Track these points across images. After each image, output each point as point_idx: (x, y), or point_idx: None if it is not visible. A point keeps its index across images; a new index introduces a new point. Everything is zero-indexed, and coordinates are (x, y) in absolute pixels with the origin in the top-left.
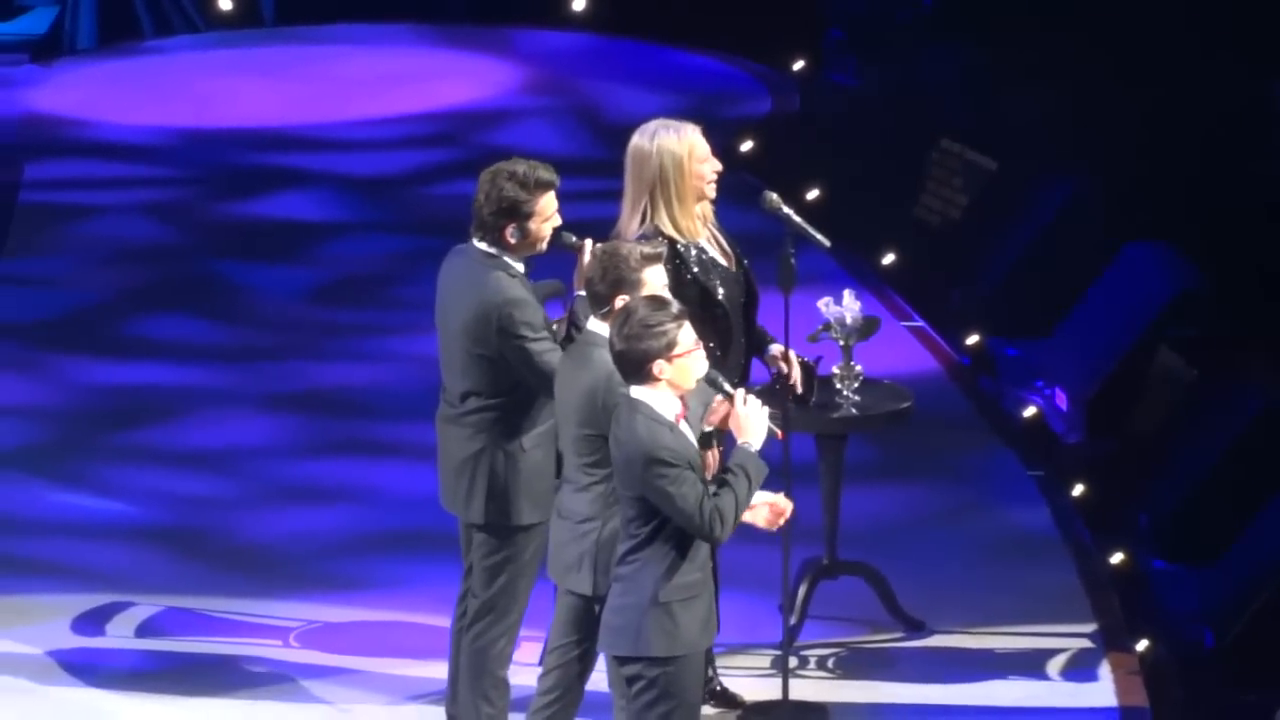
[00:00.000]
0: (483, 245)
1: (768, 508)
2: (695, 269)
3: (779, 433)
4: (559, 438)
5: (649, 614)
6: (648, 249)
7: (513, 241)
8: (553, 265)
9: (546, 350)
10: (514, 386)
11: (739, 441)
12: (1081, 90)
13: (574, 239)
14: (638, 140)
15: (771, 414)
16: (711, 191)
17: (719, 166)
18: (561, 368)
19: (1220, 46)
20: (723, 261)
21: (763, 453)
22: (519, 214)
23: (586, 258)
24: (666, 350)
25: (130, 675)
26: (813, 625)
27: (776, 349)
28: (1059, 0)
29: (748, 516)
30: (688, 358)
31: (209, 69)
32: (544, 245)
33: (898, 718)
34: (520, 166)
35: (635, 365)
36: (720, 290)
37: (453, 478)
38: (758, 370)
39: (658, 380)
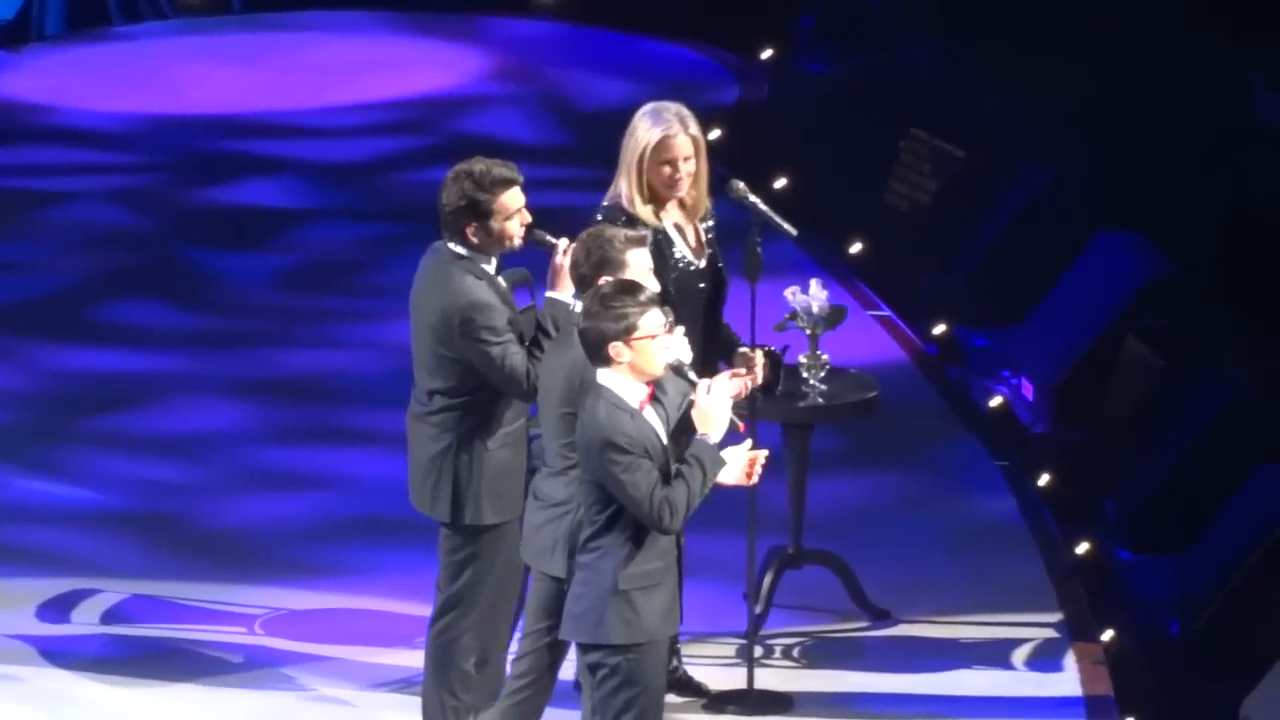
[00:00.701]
0: (452, 245)
1: (739, 467)
2: None
3: (740, 425)
4: (540, 420)
5: (609, 602)
6: (633, 232)
7: (476, 241)
8: (527, 261)
9: (509, 354)
10: (479, 386)
11: (698, 432)
12: (1053, 79)
13: (549, 237)
14: (636, 115)
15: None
16: (681, 190)
17: (691, 170)
18: (547, 349)
19: (1195, 35)
20: (688, 254)
21: (726, 443)
22: (479, 213)
23: (559, 257)
24: (625, 334)
25: (97, 661)
26: (778, 614)
27: (742, 349)
28: None
29: (726, 478)
30: (648, 343)
31: (178, 55)
32: (515, 242)
33: (863, 707)
34: (479, 166)
35: (594, 346)
36: (671, 277)
37: (420, 475)
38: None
39: (617, 363)
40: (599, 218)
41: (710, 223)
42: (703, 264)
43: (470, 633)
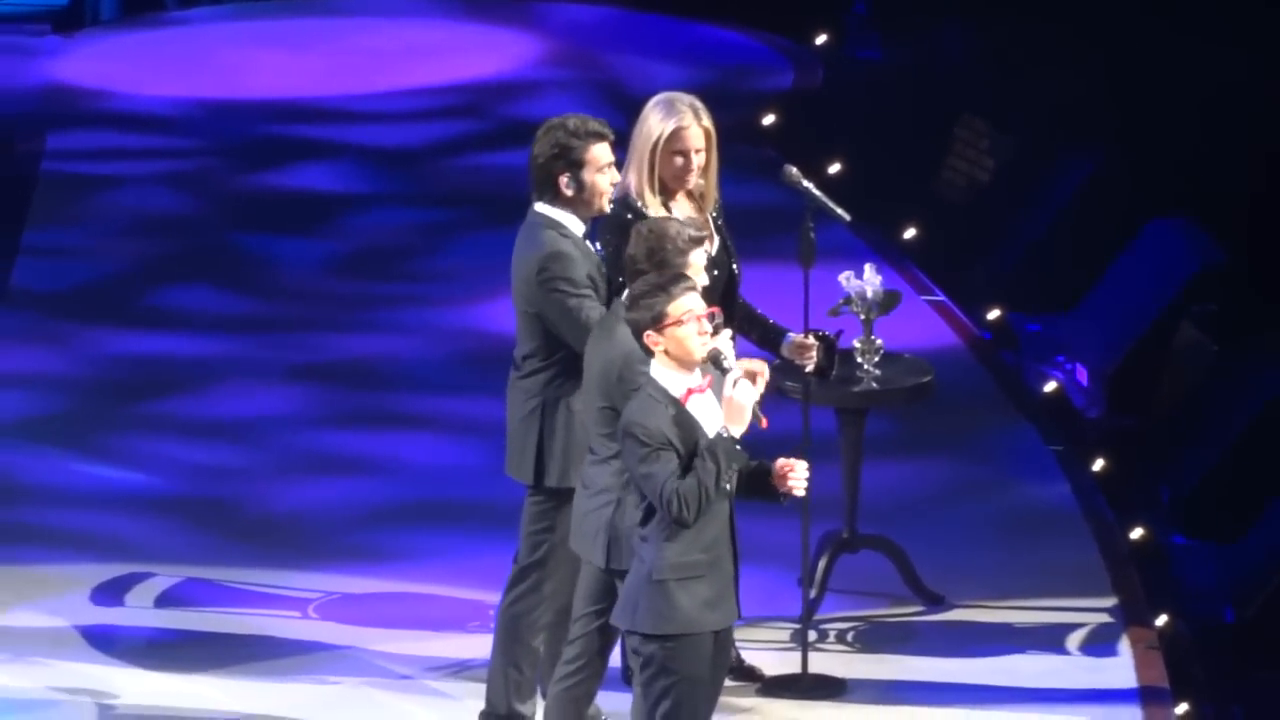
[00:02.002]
0: (541, 207)
1: (744, 384)
2: None
3: (763, 421)
4: (584, 407)
5: (645, 591)
6: (694, 231)
7: (569, 193)
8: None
9: (585, 307)
10: (566, 346)
11: (720, 425)
12: (1106, 65)
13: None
14: (647, 105)
15: (789, 387)
16: (690, 182)
17: (701, 161)
18: (590, 339)
19: (1248, 18)
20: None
21: (776, 427)
22: (571, 161)
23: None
24: (654, 322)
25: (150, 646)
26: (832, 599)
27: (795, 338)
28: None
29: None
30: (680, 329)
31: (231, 40)
32: (603, 203)
33: (917, 692)
34: (572, 119)
35: (635, 336)
36: None
37: (512, 440)
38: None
39: (659, 352)
40: (620, 213)
41: (717, 214)
42: (714, 251)
43: (542, 607)
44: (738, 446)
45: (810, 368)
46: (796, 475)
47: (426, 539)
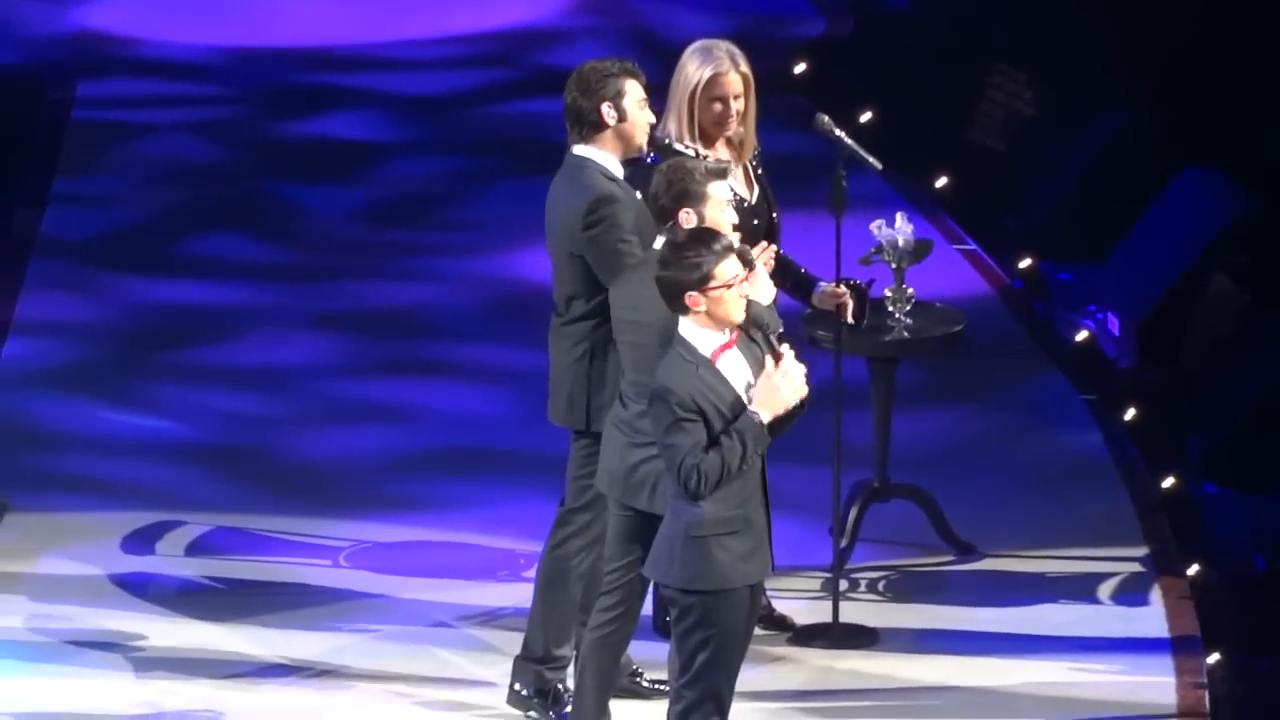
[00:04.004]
0: (580, 149)
1: (793, 376)
2: None
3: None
4: (619, 351)
5: (683, 546)
6: (713, 164)
7: (610, 122)
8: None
9: (632, 253)
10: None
11: (749, 407)
12: (1134, 15)
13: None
14: (685, 52)
15: (820, 336)
16: (730, 128)
17: (740, 108)
18: (639, 280)
19: None
20: (741, 189)
21: (808, 379)
22: (609, 92)
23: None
24: (700, 283)
25: (179, 594)
26: (863, 548)
27: (827, 286)
28: None
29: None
30: (725, 291)
31: None
32: (642, 140)
33: (948, 641)
34: (605, 60)
35: (670, 294)
36: None
37: (556, 386)
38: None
39: (695, 312)
40: (649, 157)
41: (756, 163)
42: (754, 199)
43: (584, 554)
44: (764, 429)
45: (847, 316)
46: (791, 376)
47: (457, 488)
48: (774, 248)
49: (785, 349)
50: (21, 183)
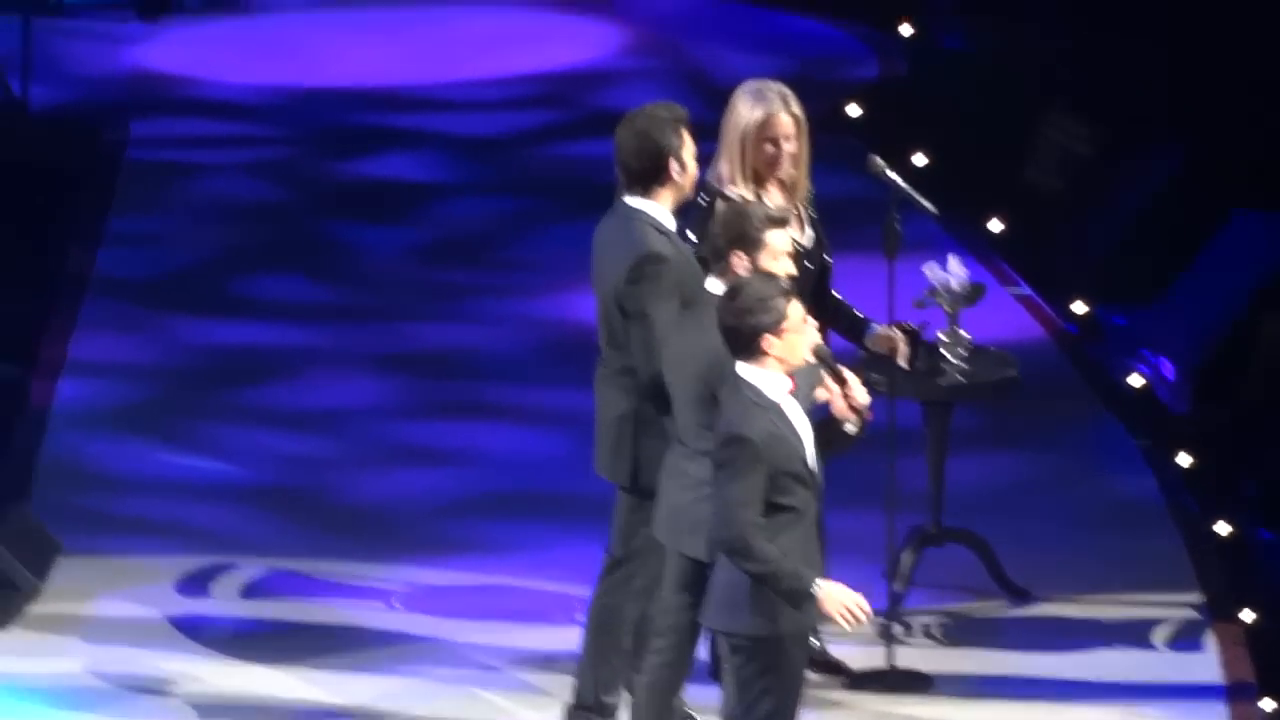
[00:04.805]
0: (634, 200)
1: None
2: None
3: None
4: (673, 398)
5: (748, 593)
6: (774, 211)
7: (677, 179)
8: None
9: (662, 321)
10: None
11: (816, 582)
12: (1190, 56)
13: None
14: (735, 93)
15: (875, 379)
16: (782, 170)
17: (792, 149)
18: (678, 330)
19: None
20: (794, 233)
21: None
22: (673, 146)
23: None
24: (775, 325)
25: (235, 636)
26: (918, 593)
27: (880, 329)
28: None
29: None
30: (796, 334)
31: (317, 28)
32: (691, 187)
33: (1003, 686)
34: (657, 108)
35: (745, 341)
36: None
37: (603, 439)
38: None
39: (766, 356)
40: (702, 199)
41: (809, 205)
42: (807, 242)
43: (632, 602)
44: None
45: (900, 359)
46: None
47: (511, 531)
48: None
49: (849, 374)
50: (76, 222)
